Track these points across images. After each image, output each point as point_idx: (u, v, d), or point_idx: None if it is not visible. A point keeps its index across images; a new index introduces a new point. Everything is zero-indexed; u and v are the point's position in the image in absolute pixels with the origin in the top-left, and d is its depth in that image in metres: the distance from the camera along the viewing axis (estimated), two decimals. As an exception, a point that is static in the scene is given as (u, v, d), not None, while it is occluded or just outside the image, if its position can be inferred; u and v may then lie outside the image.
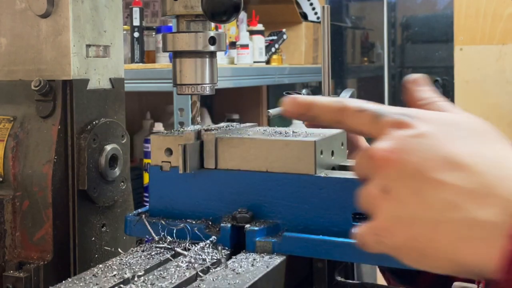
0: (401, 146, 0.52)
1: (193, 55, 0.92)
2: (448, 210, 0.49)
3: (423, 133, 0.52)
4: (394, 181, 0.52)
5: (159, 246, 0.86)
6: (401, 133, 0.53)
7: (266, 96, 3.72)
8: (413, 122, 0.54)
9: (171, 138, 0.89)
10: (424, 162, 0.51)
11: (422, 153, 0.51)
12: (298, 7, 3.62)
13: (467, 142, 0.52)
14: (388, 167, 0.53)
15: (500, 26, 3.07)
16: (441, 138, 0.52)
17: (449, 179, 0.50)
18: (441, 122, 0.54)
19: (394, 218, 0.52)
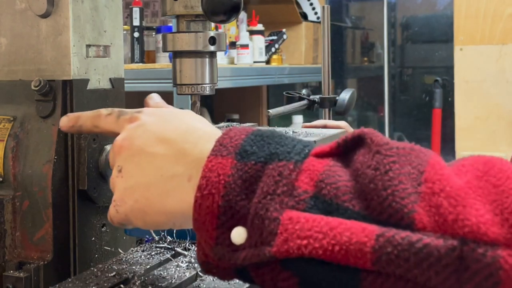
0: (130, 134, 0.69)
1: (193, 55, 0.92)
2: (156, 172, 0.65)
3: (145, 123, 0.69)
4: (124, 161, 0.68)
5: (159, 246, 0.86)
6: (131, 125, 0.70)
7: (266, 96, 3.72)
8: (140, 116, 0.71)
9: (171, 138, 0.89)
10: (144, 142, 0.67)
11: (142, 136, 0.68)
12: (298, 7, 3.62)
13: (173, 124, 0.68)
14: (121, 152, 0.68)
15: (500, 26, 3.07)
16: (156, 124, 0.68)
17: (158, 150, 0.66)
18: (159, 113, 0.71)
19: (124, 189, 0.68)
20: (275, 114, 1.36)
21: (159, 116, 0.70)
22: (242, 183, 0.57)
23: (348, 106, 1.55)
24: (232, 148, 0.60)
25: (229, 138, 0.61)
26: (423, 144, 0.59)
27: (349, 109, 1.56)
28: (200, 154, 0.63)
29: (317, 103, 1.58)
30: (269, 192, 0.56)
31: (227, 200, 0.57)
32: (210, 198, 0.58)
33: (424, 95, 4.28)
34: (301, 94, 1.53)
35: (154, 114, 0.71)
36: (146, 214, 0.66)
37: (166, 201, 0.64)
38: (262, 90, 3.67)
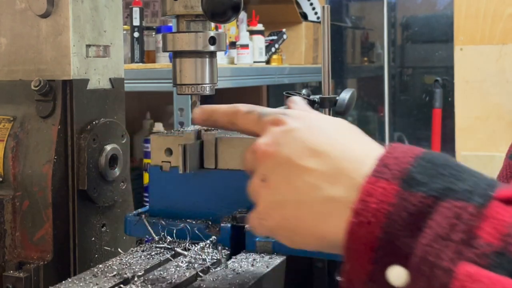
0: (276, 140, 0.61)
1: (193, 55, 0.92)
2: (309, 191, 0.57)
3: (293, 128, 0.61)
4: (270, 171, 0.60)
5: (159, 246, 0.86)
6: (276, 129, 0.62)
7: (266, 96, 3.72)
8: (287, 119, 0.63)
9: (171, 138, 0.89)
10: (293, 152, 0.59)
11: (291, 145, 0.60)
12: (298, 7, 3.62)
13: (327, 134, 0.60)
14: (265, 159, 0.61)
15: (500, 26, 3.07)
16: (306, 131, 0.61)
17: (310, 164, 0.58)
18: (308, 119, 0.63)
19: (270, 202, 0.60)
20: (275, 114, 1.36)
21: (309, 123, 0.62)
22: (407, 216, 0.50)
23: (348, 106, 1.55)
24: (398, 172, 0.52)
25: (394, 158, 0.54)
26: (423, 144, 0.58)
27: (349, 109, 1.56)
28: (359, 175, 0.55)
29: (317, 103, 1.58)
30: (442, 236, 0.48)
31: (388, 233, 0.50)
32: (367, 227, 0.51)
33: (424, 95, 4.28)
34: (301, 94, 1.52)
35: (302, 119, 0.63)
36: (295, 234, 0.59)
37: (320, 224, 0.57)
38: (262, 90, 3.67)
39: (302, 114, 0.64)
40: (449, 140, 3.65)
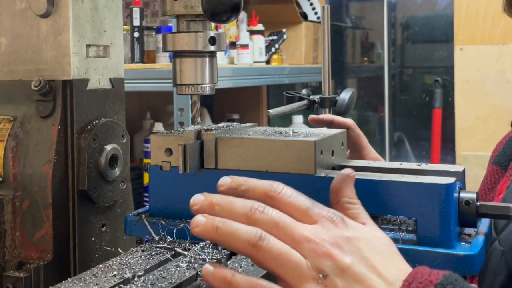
0: (338, 243, 0.63)
1: (193, 55, 0.92)
2: None
3: (356, 237, 0.65)
4: (332, 272, 0.62)
5: (159, 246, 0.86)
6: (337, 231, 0.65)
7: (266, 96, 3.72)
8: (345, 225, 0.66)
9: (171, 138, 0.89)
10: (356, 263, 0.63)
11: (355, 255, 0.63)
12: (298, 7, 3.61)
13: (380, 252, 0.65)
14: (327, 258, 0.63)
15: (500, 26, 3.07)
16: (367, 245, 0.64)
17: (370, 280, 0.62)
18: (362, 233, 0.66)
19: None
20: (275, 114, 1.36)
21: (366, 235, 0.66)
22: None
23: (348, 106, 1.55)
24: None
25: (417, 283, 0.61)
26: (423, 144, 0.58)
27: (349, 109, 1.56)
28: None
29: (317, 103, 1.58)
30: None
31: None
32: None
33: (424, 95, 4.28)
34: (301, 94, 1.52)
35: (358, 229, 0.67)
36: None
37: None
38: (262, 90, 3.67)
39: (354, 223, 0.67)
40: (449, 140, 3.65)
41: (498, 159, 1.11)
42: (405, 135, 4.33)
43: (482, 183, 1.11)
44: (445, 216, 0.74)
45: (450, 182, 0.75)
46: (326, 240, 0.63)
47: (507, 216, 0.76)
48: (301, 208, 0.66)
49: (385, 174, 0.82)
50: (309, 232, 0.63)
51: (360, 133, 1.18)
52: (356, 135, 1.16)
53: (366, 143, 1.18)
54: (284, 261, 0.63)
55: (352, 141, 1.16)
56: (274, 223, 0.64)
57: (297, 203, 0.66)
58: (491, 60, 3.17)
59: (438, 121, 3.84)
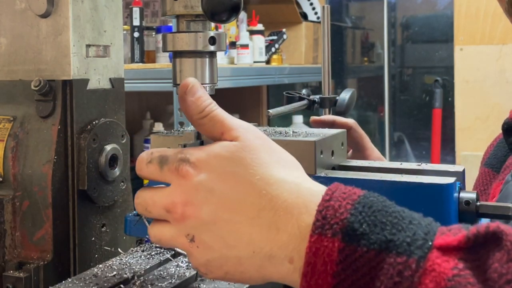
0: (189, 199, 0.58)
1: (193, 55, 0.92)
2: (247, 248, 0.56)
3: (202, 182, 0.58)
4: (195, 231, 0.58)
5: (159, 246, 0.86)
6: (185, 184, 0.58)
7: (266, 96, 3.72)
8: (191, 171, 0.59)
9: (171, 138, 0.89)
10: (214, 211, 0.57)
11: (209, 202, 0.57)
12: (298, 7, 3.62)
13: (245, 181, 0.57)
14: (185, 220, 0.58)
15: (500, 26, 3.07)
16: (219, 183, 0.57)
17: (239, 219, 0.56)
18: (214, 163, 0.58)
19: (208, 261, 0.59)
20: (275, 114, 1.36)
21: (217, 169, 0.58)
22: (353, 273, 0.50)
23: (348, 106, 1.55)
24: (338, 226, 0.52)
25: (333, 210, 0.53)
26: (423, 144, 0.57)
27: (349, 109, 1.56)
28: (297, 230, 0.54)
29: (317, 103, 1.57)
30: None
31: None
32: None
33: (424, 95, 4.28)
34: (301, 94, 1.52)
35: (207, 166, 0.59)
36: (245, 281, 0.60)
37: (264, 273, 0.57)
38: (262, 90, 3.67)
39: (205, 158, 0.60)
40: (449, 140, 3.65)
41: (490, 161, 1.11)
42: (405, 135, 4.33)
43: (475, 185, 1.12)
44: (445, 216, 0.74)
45: (450, 182, 0.75)
46: (178, 202, 0.59)
47: (507, 216, 0.76)
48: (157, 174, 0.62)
49: (385, 174, 0.82)
50: (165, 200, 0.60)
51: (362, 133, 1.18)
52: (358, 135, 1.16)
53: (369, 143, 1.18)
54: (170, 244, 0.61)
55: (354, 141, 1.16)
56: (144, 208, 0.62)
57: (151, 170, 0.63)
58: (491, 60, 3.17)
59: (438, 121, 3.84)
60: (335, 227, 0.52)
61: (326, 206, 0.54)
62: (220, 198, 0.57)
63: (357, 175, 0.82)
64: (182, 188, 0.59)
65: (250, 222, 0.56)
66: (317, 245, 0.52)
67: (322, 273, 0.51)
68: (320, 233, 0.52)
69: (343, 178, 0.81)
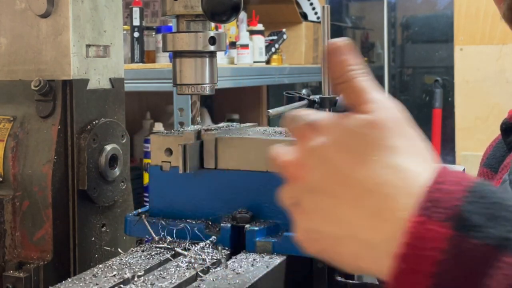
0: (303, 161, 0.55)
1: (193, 55, 0.92)
2: (346, 229, 0.52)
3: (320, 147, 0.54)
4: (302, 196, 0.55)
5: (159, 246, 0.86)
6: (303, 146, 0.55)
7: (266, 96, 3.72)
8: (311, 133, 0.55)
9: (171, 138, 0.89)
10: (323, 180, 0.53)
11: (320, 169, 0.53)
12: (298, 7, 3.61)
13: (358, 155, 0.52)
14: (294, 182, 0.56)
15: (500, 26, 3.06)
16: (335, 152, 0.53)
17: (343, 197, 0.52)
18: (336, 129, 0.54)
19: (307, 231, 0.55)
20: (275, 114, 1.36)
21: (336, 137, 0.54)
22: (459, 265, 0.46)
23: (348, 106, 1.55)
24: (449, 211, 0.47)
25: (444, 192, 0.48)
26: None
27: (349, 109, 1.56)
28: (403, 212, 0.49)
29: (317, 103, 1.57)
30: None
31: (438, 284, 0.46)
32: (416, 275, 0.47)
33: (424, 95, 4.29)
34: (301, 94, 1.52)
35: (328, 130, 0.55)
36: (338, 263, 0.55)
37: (361, 264, 0.53)
38: (262, 90, 3.67)
39: (329, 124, 0.55)
40: (449, 140, 3.65)
41: (489, 162, 1.11)
42: (405, 135, 4.33)
43: None
44: (445, 216, 0.74)
45: (450, 182, 0.75)
46: (292, 162, 0.56)
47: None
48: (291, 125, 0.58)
49: (385, 174, 0.82)
50: (283, 157, 0.57)
51: None
52: None
53: None
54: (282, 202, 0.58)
55: None
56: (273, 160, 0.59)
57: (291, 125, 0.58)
58: (491, 60, 3.17)
59: (438, 121, 3.84)
60: (447, 212, 0.47)
61: (438, 188, 0.48)
62: (330, 168, 0.53)
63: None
64: (299, 148, 0.56)
65: (353, 203, 0.51)
66: (422, 226, 0.46)
67: (422, 258, 0.46)
68: (428, 215, 0.47)
69: (343, 178, 0.81)
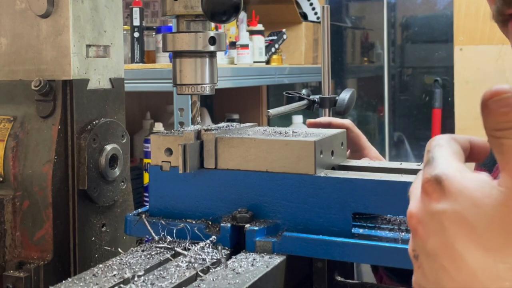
0: (423, 219, 0.52)
1: (193, 55, 0.92)
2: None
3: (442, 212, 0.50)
4: (419, 251, 0.53)
5: (159, 246, 0.86)
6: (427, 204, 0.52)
7: (266, 96, 3.72)
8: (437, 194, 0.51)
9: (171, 138, 0.89)
10: (440, 249, 0.50)
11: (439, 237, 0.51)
12: (298, 7, 3.62)
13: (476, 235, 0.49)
14: (415, 235, 0.53)
15: (500, 26, 3.06)
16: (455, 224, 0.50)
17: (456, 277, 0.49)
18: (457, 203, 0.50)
19: (418, 285, 0.54)
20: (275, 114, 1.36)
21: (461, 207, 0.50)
22: None
23: (348, 106, 1.55)
24: None
25: None
26: (423, 144, 0.55)
27: (349, 109, 1.56)
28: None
29: (317, 103, 1.58)
30: None
31: None
32: None
33: (424, 95, 4.28)
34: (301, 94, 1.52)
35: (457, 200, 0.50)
36: None
37: None
38: (262, 90, 3.67)
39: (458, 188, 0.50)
40: (449, 140, 3.65)
41: (485, 161, 1.11)
42: (405, 135, 4.33)
43: None
44: (445, 216, 0.74)
45: (449, 182, 0.75)
46: (414, 215, 0.53)
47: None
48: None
49: (385, 174, 0.82)
50: (410, 204, 0.55)
51: (359, 132, 1.18)
52: (355, 135, 1.17)
53: (366, 142, 1.18)
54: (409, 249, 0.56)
55: (352, 141, 1.16)
56: None
57: None
58: (491, 60, 3.17)
59: (438, 121, 3.84)
60: None
61: None
62: (447, 240, 0.50)
63: (357, 175, 0.82)
64: (421, 204, 0.53)
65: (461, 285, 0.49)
66: None
67: None
68: None
69: (343, 178, 0.81)
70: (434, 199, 0.51)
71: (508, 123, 0.51)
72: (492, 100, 0.52)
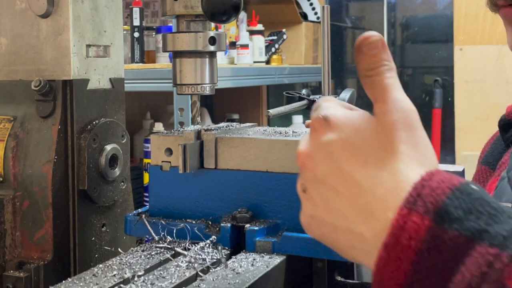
0: (312, 153, 0.59)
1: (193, 55, 0.92)
2: (343, 220, 0.56)
3: (329, 142, 0.58)
4: (308, 183, 0.60)
5: (159, 246, 0.86)
6: (315, 138, 0.59)
7: (266, 96, 3.72)
8: (324, 128, 0.59)
9: (171, 138, 0.89)
10: (327, 172, 0.57)
11: (326, 163, 0.58)
12: (298, 7, 3.61)
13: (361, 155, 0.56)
14: (304, 170, 0.60)
15: (500, 26, 3.06)
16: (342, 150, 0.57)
17: (343, 191, 0.56)
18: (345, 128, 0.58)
19: (310, 216, 0.60)
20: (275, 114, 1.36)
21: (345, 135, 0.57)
22: (437, 254, 0.49)
23: (348, 106, 1.55)
24: (432, 205, 0.50)
25: (430, 189, 0.51)
26: None
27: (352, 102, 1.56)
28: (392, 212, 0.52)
29: (317, 103, 1.57)
30: (472, 285, 0.47)
31: (417, 271, 0.49)
32: (397, 263, 0.50)
33: (424, 95, 4.28)
34: (301, 94, 1.52)
35: (339, 128, 0.58)
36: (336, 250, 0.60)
37: (354, 256, 0.57)
38: (262, 90, 3.67)
39: (340, 121, 0.58)
40: (449, 140, 3.65)
41: (486, 159, 1.11)
42: (405, 135, 4.33)
43: None
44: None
45: (450, 182, 0.75)
46: (303, 152, 0.60)
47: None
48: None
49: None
50: (300, 148, 0.61)
51: None
52: None
53: None
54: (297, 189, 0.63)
55: None
56: None
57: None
58: (491, 60, 3.17)
59: (438, 121, 3.84)
60: (428, 206, 0.50)
61: (423, 184, 0.52)
62: (335, 164, 0.57)
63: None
64: (311, 141, 0.60)
65: (350, 199, 0.55)
66: (405, 218, 0.50)
67: (405, 248, 0.50)
68: (411, 208, 0.50)
69: (343, 178, 0.81)
70: (321, 133, 0.59)
71: (377, 63, 0.59)
72: (364, 44, 0.59)
